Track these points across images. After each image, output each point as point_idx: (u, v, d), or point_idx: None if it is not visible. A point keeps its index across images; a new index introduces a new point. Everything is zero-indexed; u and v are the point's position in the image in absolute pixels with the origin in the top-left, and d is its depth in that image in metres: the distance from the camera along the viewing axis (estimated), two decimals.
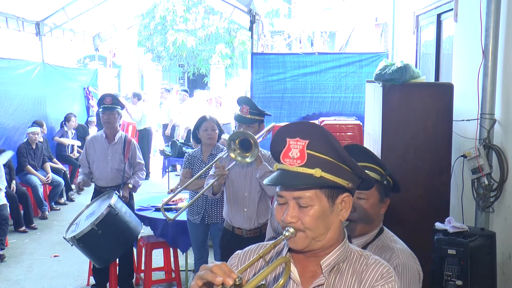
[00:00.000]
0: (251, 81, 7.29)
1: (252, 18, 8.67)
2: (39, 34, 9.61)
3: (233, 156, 3.36)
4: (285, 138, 1.43)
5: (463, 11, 4.58)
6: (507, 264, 3.64)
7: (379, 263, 1.48)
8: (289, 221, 1.41)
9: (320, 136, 1.42)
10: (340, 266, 1.47)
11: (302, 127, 1.44)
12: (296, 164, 1.40)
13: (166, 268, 5.33)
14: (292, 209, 1.41)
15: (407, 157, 4.00)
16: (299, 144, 1.41)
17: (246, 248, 1.61)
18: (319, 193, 1.41)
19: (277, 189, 1.45)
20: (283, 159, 1.42)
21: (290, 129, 1.45)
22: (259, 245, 1.61)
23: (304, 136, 1.41)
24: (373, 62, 6.89)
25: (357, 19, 12.98)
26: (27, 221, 7.28)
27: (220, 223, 4.31)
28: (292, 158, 1.40)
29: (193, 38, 17.20)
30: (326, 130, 1.46)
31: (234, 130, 4.43)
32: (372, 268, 1.46)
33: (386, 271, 1.46)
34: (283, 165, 1.42)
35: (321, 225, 1.42)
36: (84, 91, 11.65)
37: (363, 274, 1.45)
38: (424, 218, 3.87)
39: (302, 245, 1.42)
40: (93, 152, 5.06)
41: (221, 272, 1.24)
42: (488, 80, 3.80)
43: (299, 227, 1.41)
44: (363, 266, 1.47)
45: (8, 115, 8.13)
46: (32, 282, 5.45)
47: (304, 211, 1.41)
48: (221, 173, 3.56)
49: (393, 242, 2.13)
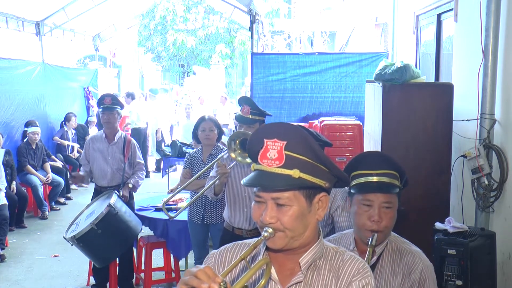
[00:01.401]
0: (251, 81, 7.30)
1: (252, 18, 8.67)
2: (39, 34, 9.61)
3: (233, 156, 3.35)
4: (262, 138, 1.43)
5: (463, 11, 4.58)
6: (507, 264, 3.64)
7: (355, 259, 1.50)
8: (268, 221, 1.41)
9: (298, 137, 1.42)
10: (317, 263, 1.49)
11: (279, 128, 1.44)
12: (274, 165, 1.40)
13: (166, 268, 5.33)
14: (270, 210, 1.42)
15: (407, 157, 4.00)
16: (276, 145, 1.41)
17: (222, 248, 1.62)
18: (297, 193, 1.42)
19: (254, 190, 1.45)
20: (261, 159, 1.42)
21: (268, 130, 1.45)
22: (234, 244, 1.61)
23: (282, 137, 1.41)
24: (373, 62, 6.89)
25: (357, 19, 12.98)
26: (18, 220, 7.27)
27: (219, 223, 4.31)
28: (270, 159, 1.40)
29: (193, 38, 17.21)
30: (303, 130, 1.46)
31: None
32: (349, 264, 1.48)
33: (362, 266, 1.48)
34: (260, 166, 1.42)
35: (300, 224, 1.43)
36: (84, 91, 11.65)
37: (340, 270, 1.48)
38: (424, 218, 3.87)
39: (280, 245, 1.43)
40: (93, 152, 5.06)
41: (205, 278, 1.23)
42: (488, 80, 3.79)
43: (278, 227, 1.42)
44: (339, 262, 1.49)
45: (8, 115, 8.14)
46: (32, 282, 5.45)
47: (283, 211, 1.41)
48: (223, 172, 3.56)
49: (407, 244, 2.17)
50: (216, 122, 4.47)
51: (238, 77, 23.31)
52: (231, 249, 1.59)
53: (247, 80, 17.57)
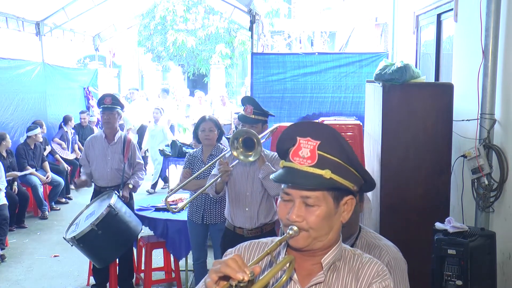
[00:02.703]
0: (251, 81, 7.29)
1: (252, 18, 8.67)
2: (39, 34, 9.62)
3: (235, 155, 3.35)
4: (295, 136, 1.43)
5: (463, 11, 4.58)
6: (507, 264, 3.64)
7: (373, 261, 1.50)
8: (294, 220, 1.41)
9: (332, 137, 1.43)
10: (336, 264, 1.49)
11: (313, 127, 1.45)
12: (306, 164, 1.40)
13: (166, 268, 5.33)
14: (298, 208, 1.41)
15: (407, 157, 4.00)
16: (310, 144, 1.41)
17: (238, 246, 1.61)
18: (326, 194, 1.42)
19: (283, 186, 1.45)
20: (292, 157, 1.42)
21: (301, 128, 1.45)
22: (250, 242, 1.60)
23: (315, 137, 1.42)
24: (373, 62, 6.88)
25: (357, 19, 12.98)
26: (18, 220, 7.29)
27: (219, 224, 4.31)
28: (302, 157, 1.40)
29: (193, 38, 17.19)
30: (337, 132, 1.47)
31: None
32: (368, 267, 1.48)
33: (381, 269, 1.48)
34: (291, 163, 1.42)
35: (325, 225, 1.43)
36: (84, 91, 11.65)
37: (359, 272, 1.48)
38: (424, 218, 3.87)
39: (303, 244, 1.43)
40: (92, 152, 5.06)
41: (237, 266, 1.23)
42: (488, 80, 3.79)
43: (304, 226, 1.41)
44: (358, 264, 1.49)
45: (8, 115, 8.14)
46: (32, 282, 5.45)
47: (311, 210, 1.41)
48: (225, 169, 3.56)
49: (377, 239, 2.17)
50: (216, 123, 4.46)
51: (238, 77, 23.30)
52: (248, 247, 1.58)
53: (247, 80, 17.56)
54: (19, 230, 7.20)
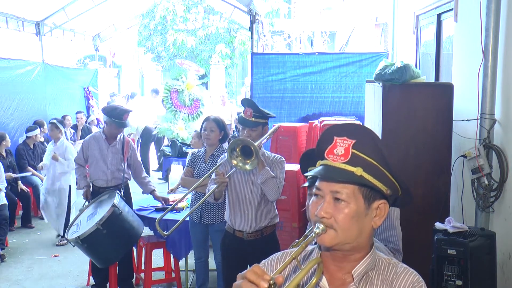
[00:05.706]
0: (251, 81, 7.29)
1: (252, 18, 8.67)
2: (39, 34, 9.62)
3: (235, 163, 3.34)
4: (332, 136, 1.45)
5: (463, 11, 4.58)
6: (507, 264, 3.64)
7: (409, 271, 1.47)
8: (322, 215, 1.40)
9: (367, 138, 1.44)
10: (369, 274, 1.46)
11: (350, 127, 1.46)
12: (339, 160, 1.42)
13: (166, 268, 5.33)
14: (327, 204, 1.41)
15: (407, 157, 4.00)
16: (345, 142, 1.43)
17: (270, 257, 1.60)
18: (357, 191, 1.41)
19: (316, 183, 1.46)
20: (327, 155, 1.44)
21: (339, 128, 1.47)
22: (283, 253, 1.60)
23: (351, 136, 1.43)
24: (373, 62, 6.89)
25: (357, 19, 12.98)
26: (25, 220, 7.30)
27: (217, 224, 4.32)
28: (336, 154, 1.43)
29: (193, 38, 17.19)
30: (375, 134, 1.47)
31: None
32: (403, 277, 1.45)
33: (417, 280, 1.45)
34: (326, 161, 1.44)
35: (354, 226, 1.41)
36: (84, 91, 11.66)
37: (394, 283, 1.44)
38: (424, 218, 3.87)
39: (330, 243, 1.41)
40: (92, 152, 5.05)
41: (255, 277, 1.23)
42: (488, 80, 3.79)
43: (332, 224, 1.40)
44: (393, 275, 1.46)
45: (8, 115, 8.14)
46: (32, 282, 5.45)
47: (339, 207, 1.40)
48: (221, 181, 3.55)
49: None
50: (219, 123, 4.42)
51: (238, 77, 23.28)
52: (281, 257, 1.57)
53: (247, 80, 17.54)
54: (19, 230, 7.20)
